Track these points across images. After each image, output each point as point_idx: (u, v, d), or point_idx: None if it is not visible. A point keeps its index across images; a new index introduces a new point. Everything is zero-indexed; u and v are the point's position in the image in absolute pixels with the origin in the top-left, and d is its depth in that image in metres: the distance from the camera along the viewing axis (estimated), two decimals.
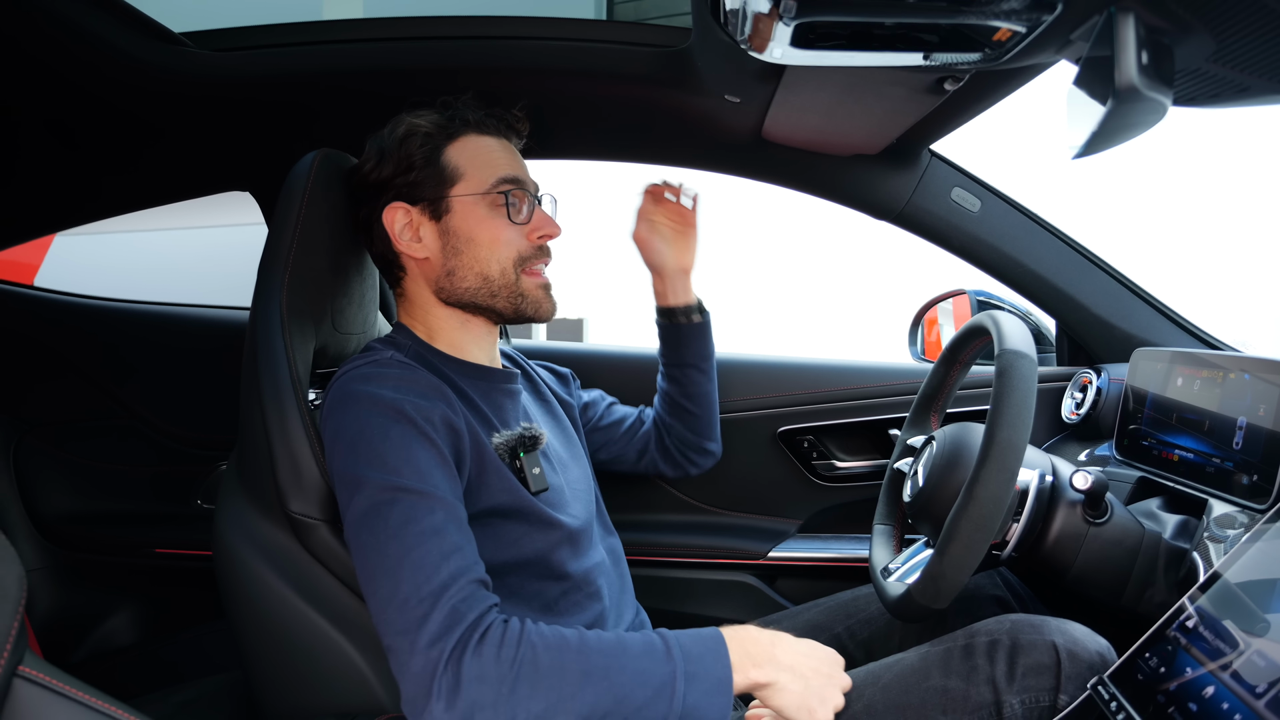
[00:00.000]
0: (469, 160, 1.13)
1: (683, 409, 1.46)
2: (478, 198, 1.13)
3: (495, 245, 1.13)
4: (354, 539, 0.93)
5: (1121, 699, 0.86)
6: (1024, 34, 0.77)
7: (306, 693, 1.01)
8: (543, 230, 1.16)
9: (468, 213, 1.13)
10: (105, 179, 1.58)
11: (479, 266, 1.13)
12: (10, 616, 0.63)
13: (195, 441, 1.83)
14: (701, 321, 1.43)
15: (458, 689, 0.83)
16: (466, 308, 1.16)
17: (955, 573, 1.01)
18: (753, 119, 1.31)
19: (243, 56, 1.31)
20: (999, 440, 0.99)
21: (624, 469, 1.50)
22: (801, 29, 0.79)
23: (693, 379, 1.44)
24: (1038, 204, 1.55)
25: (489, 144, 1.16)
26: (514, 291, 1.14)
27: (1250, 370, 1.10)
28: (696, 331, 1.43)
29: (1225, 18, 0.70)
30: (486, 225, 1.13)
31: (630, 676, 0.88)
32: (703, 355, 1.44)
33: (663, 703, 0.88)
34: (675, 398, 1.46)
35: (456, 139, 1.14)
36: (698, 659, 0.91)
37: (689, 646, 0.92)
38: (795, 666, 0.96)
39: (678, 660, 0.90)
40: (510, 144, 1.19)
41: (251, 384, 1.06)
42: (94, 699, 0.65)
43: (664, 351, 1.46)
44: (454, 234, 1.13)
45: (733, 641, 0.94)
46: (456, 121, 1.14)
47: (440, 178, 1.13)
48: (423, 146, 1.12)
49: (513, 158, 1.18)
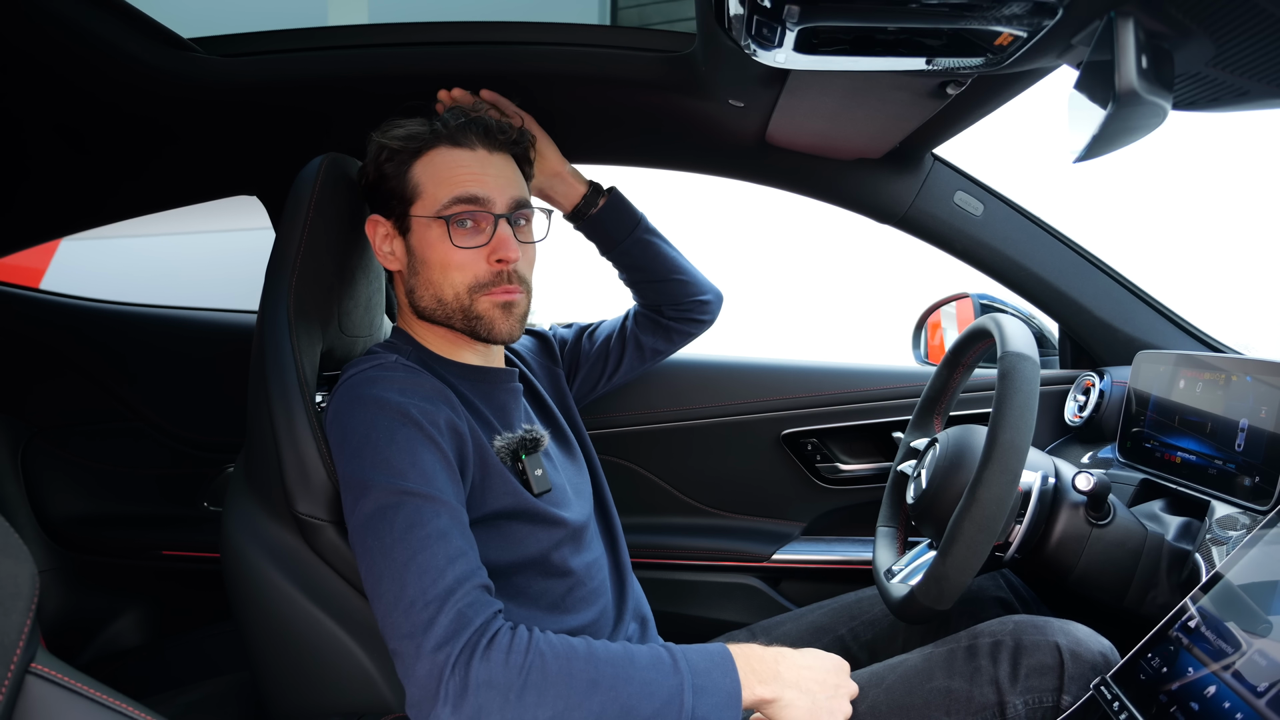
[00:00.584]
0: (430, 177, 1.11)
1: (653, 284, 1.43)
2: (431, 219, 1.10)
3: (446, 269, 1.10)
4: (359, 542, 0.94)
5: (1124, 699, 0.87)
6: (1025, 39, 0.78)
7: (313, 693, 1.01)
8: (499, 254, 1.09)
9: (423, 233, 1.11)
10: (114, 183, 1.59)
11: (433, 289, 1.11)
12: (23, 614, 0.64)
13: (202, 444, 1.84)
14: (608, 201, 1.38)
15: (465, 693, 0.83)
16: (433, 322, 1.15)
17: (958, 574, 1.01)
18: (757, 123, 1.32)
19: (251, 62, 1.32)
20: (1001, 442, 0.99)
21: (633, 371, 1.49)
22: (805, 33, 0.80)
23: (637, 251, 1.41)
24: (1041, 206, 1.55)
25: (457, 158, 1.11)
26: (468, 314, 1.11)
27: (1252, 373, 1.10)
28: (609, 212, 1.38)
29: (1224, 22, 0.70)
30: (437, 249, 1.10)
31: (638, 687, 0.88)
32: (629, 226, 1.39)
33: (671, 714, 0.88)
34: (639, 280, 1.44)
35: (425, 153, 1.11)
36: (705, 673, 0.91)
37: (695, 660, 0.92)
38: (800, 682, 0.96)
39: (685, 673, 0.90)
40: (496, 154, 1.14)
41: (259, 386, 1.06)
42: (105, 696, 0.66)
43: (600, 249, 1.42)
44: (413, 253, 1.12)
45: (738, 658, 0.94)
46: (429, 133, 1.11)
47: (404, 194, 1.11)
48: (390, 161, 1.11)
49: (485, 171, 1.12)
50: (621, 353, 1.46)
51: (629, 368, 1.48)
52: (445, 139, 1.11)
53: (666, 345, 1.49)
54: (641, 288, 1.45)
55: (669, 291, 1.43)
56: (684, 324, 1.48)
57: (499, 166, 1.13)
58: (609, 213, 1.37)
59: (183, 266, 3.35)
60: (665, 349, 1.50)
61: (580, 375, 1.45)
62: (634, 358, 1.47)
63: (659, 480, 1.75)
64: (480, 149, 1.12)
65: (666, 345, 1.49)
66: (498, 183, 1.11)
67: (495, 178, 1.11)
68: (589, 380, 1.46)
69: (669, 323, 1.47)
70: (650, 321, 1.47)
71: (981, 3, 0.72)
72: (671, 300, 1.44)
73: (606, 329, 1.49)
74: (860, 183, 1.51)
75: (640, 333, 1.47)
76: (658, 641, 1.18)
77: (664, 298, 1.44)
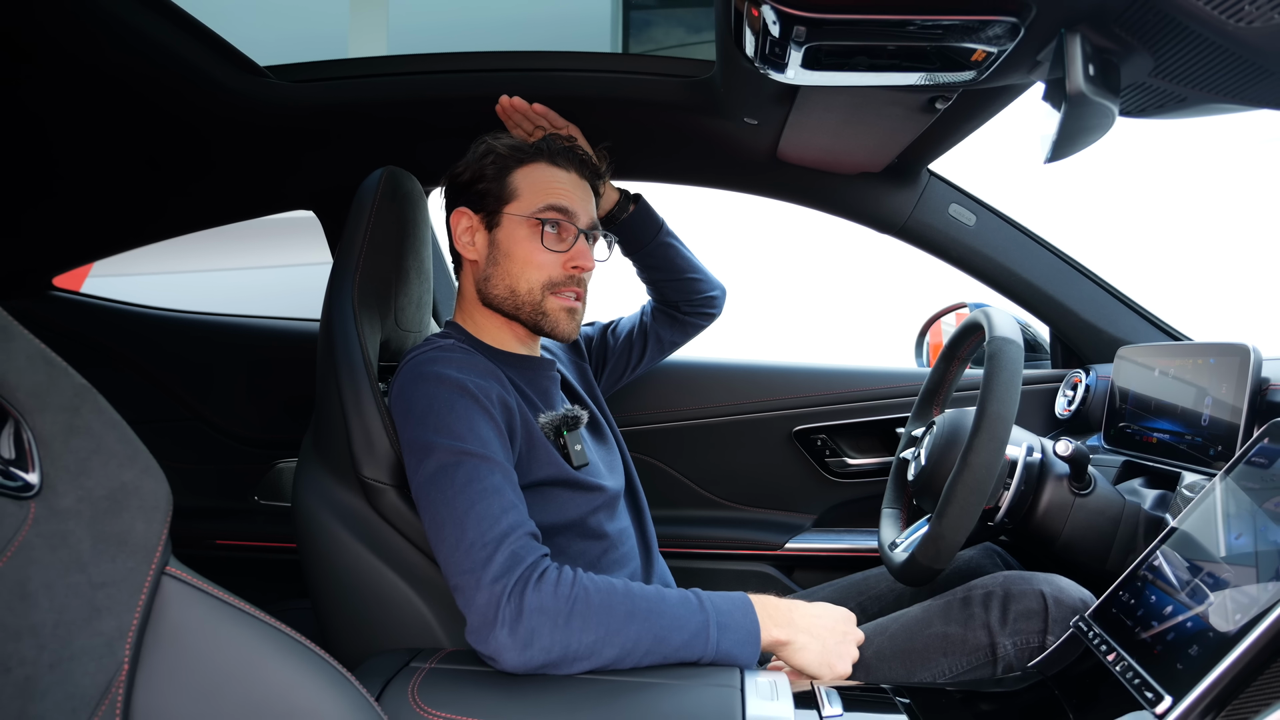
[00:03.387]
0: (529, 184, 1.25)
1: (671, 282, 1.58)
2: (522, 219, 1.24)
3: (528, 265, 1.24)
4: (423, 496, 1.06)
5: (1100, 631, 0.98)
6: (996, 55, 0.92)
7: (375, 634, 1.13)
8: (576, 261, 1.24)
9: (512, 230, 1.25)
10: (184, 198, 1.75)
11: (509, 280, 1.25)
12: (161, 524, 0.76)
13: (254, 441, 1.97)
14: (636, 209, 1.52)
15: (520, 617, 0.95)
16: (499, 312, 1.28)
17: (953, 533, 1.13)
18: (769, 140, 1.47)
19: (317, 87, 1.48)
20: (989, 413, 1.12)
21: (653, 362, 1.65)
22: (810, 52, 0.94)
23: (659, 254, 1.55)
24: (1030, 214, 1.69)
25: (556, 174, 1.26)
26: (537, 309, 1.25)
27: (1213, 355, 1.23)
28: (637, 219, 1.52)
29: (1159, 39, 0.85)
30: (524, 245, 1.24)
31: (669, 620, 0.99)
32: (653, 231, 1.53)
33: (699, 645, 0.99)
34: (659, 279, 1.58)
35: (527, 164, 1.26)
36: (728, 613, 1.02)
37: (719, 603, 1.04)
38: (811, 628, 1.07)
39: (710, 612, 1.01)
40: (583, 180, 1.30)
41: (328, 366, 1.20)
42: (226, 595, 0.78)
43: (624, 250, 1.55)
44: (498, 246, 1.26)
45: (756, 605, 1.05)
46: (533, 149, 1.26)
47: (500, 194, 1.26)
48: (494, 164, 1.26)
49: (574, 191, 1.27)
50: (644, 345, 1.62)
51: (650, 358, 1.63)
52: (546, 156, 1.27)
53: (681, 337, 1.65)
54: (660, 285, 1.59)
55: (683, 289, 1.58)
56: (696, 317, 1.63)
57: (584, 190, 1.29)
58: (637, 218, 1.52)
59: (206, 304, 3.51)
60: (680, 340, 1.66)
61: (608, 368, 1.59)
62: (654, 349, 1.63)
63: (680, 475, 1.88)
64: (573, 173, 1.28)
65: (681, 337, 1.65)
66: (583, 203, 1.27)
67: (582, 199, 1.27)
68: (615, 371, 1.61)
69: (683, 317, 1.62)
70: (666, 316, 1.62)
71: (958, 24, 0.87)
72: (685, 296, 1.59)
73: (626, 325, 1.64)
74: (863, 196, 1.65)
75: (658, 327, 1.62)
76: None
77: (679, 295, 1.59)
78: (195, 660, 0.75)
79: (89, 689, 0.67)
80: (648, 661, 0.98)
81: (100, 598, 0.69)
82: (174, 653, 0.74)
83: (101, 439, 0.73)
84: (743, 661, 1.01)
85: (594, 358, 1.59)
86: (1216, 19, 0.78)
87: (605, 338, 1.62)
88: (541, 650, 0.94)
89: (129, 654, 0.70)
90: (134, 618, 0.71)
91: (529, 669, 0.95)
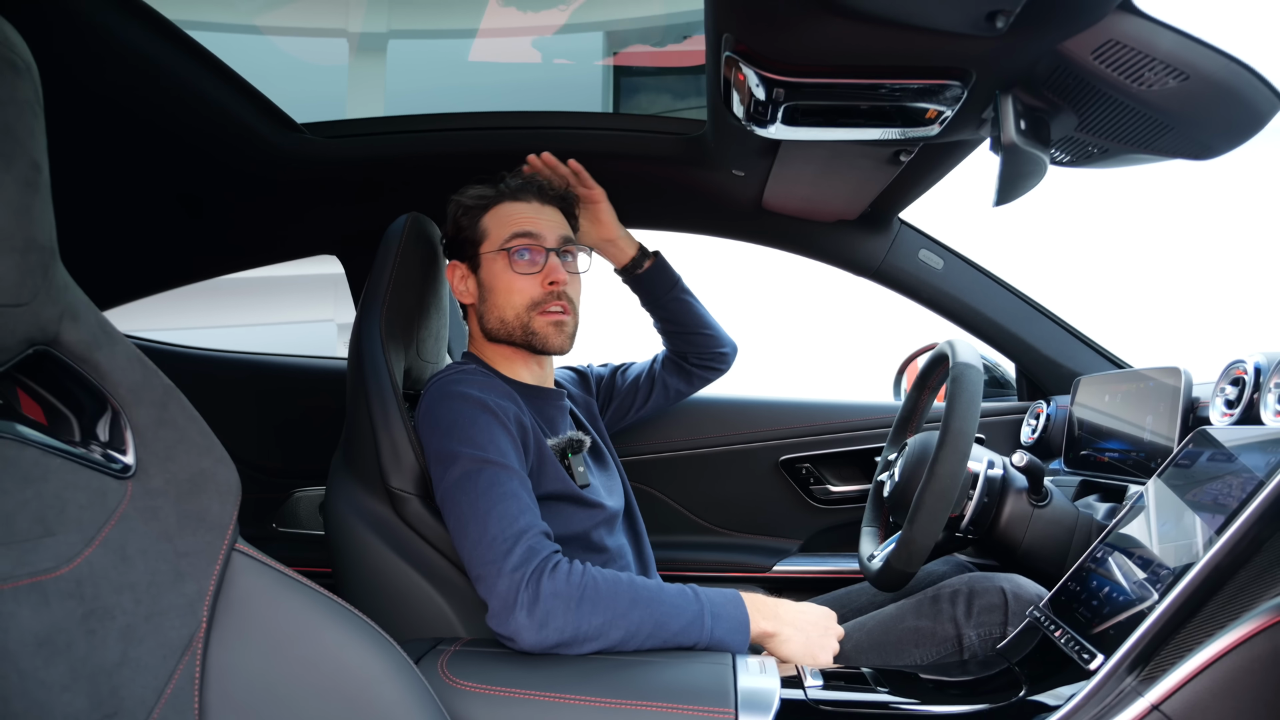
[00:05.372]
0: (495, 223, 1.38)
1: (683, 335, 1.66)
2: (496, 253, 1.37)
3: (509, 293, 1.36)
4: (449, 499, 1.18)
5: (1053, 616, 1.11)
6: (947, 113, 1.08)
7: (399, 627, 1.23)
8: (551, 277, 1.35)
9: (490, 266, 1.39)
10: (220, 243, 1.89)
11: (498, 311, 1.38)
12: (233, 505, 0.88)
13: (273, 471, 2.07)
14: (653, 264, 1.62)
15: (537, 601, 1.06)
16: (500, 342, 1.41)
17: (923, 537, 1.26)
18: (754, 190, 1.62)
19: (347, 143, 1.64)
20: (952, 429, 1.25)
21: (659, 408, 1.74)
22: (789, 111, 1.10)
23: (673, 308, 1.64)
24: (1005, 249, 1.86)
25: (517, 208, 1.38)
26: (527, 330, 1.36)
27: (1151, 379, 1.38)
28: (654, 273, 1.62)
29: (1081, 100, 1.01)
30: (502, 277, 1.37)
31: (668, 608, 1.11)
32: (668, 286, 1.63)
33: (695, 631, 1.10)
34: (672, 330, 1.67)
35: (492, 208, 1.39)
36: (721, 605, 1.14)
37: (713, 596, 1.16)
38: (795, 622, 1.18)
39: (704, 603, 1.13)
40: (547, 206, 1.41)
41: (358, 387, 1.32)
42: (287, 570, 0.90)
43: (642, 302, 1.66)
44: (483, 284, 1.40)
45: (745, 600, 1.17)
46: (495, 193, 1.39)
47: (475, 239, 1.40)
48: (465, 215, 1.41)
49: (539, 216, 1.38)
50: (650, 391, 1.72)
51: (655, 405, 1.73)
52: (508, 196, 1.40)
53: (687, 387, 1.75)
54: (673, 337, 1.70)
55: (695, 343, 1.69)
56: (704, 371, 1.73)
57: (550, 214, 1.41)
58: (654, 273, 1.63)
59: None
60: (686, 390, 1.76)
61: (613, 407, 1.71)
62: (660, 396, 1.73)
63: (673, 502, 2.00)
64: (535, 202, 1.40)
65: (687, 387, 1.75)
66: (549, 225, 1.39)
67: (547, 222, 1.39)
68: (620, 411, 1.72)
69: (691, 369, 1.72)
70: (676, 366, 1.72)
71: (913, 87, 1.03)
72: (696, 350, 1.70)
73: (637, 369, 1.75)
74: (840, 242, 1.81)
75: (666, 375, 1.72)
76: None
77: (690, 348, 1.70)
78: (261, 623, 0.86)
79: (175, 641, 0.79)
80: (650, 644, 1.09)
81: (184, 565, 0.81)
82: (243, 616, 0.85)
83: (185, 431, 0.85)
84: (734, 648, 1.12)
85: (601, 394, 1.71)
86: (1124, 84, 0.94)
87: (614, 378, 1.73)
88: (555, 630, 1.05)
89: (206, 614, 0.81)
90: (210, 584, 0.83)
91: (544, 648, 1.06)
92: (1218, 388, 1.21)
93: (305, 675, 0.86)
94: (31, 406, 0.76)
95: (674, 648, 1.11)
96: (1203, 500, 0.99)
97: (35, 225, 0.68)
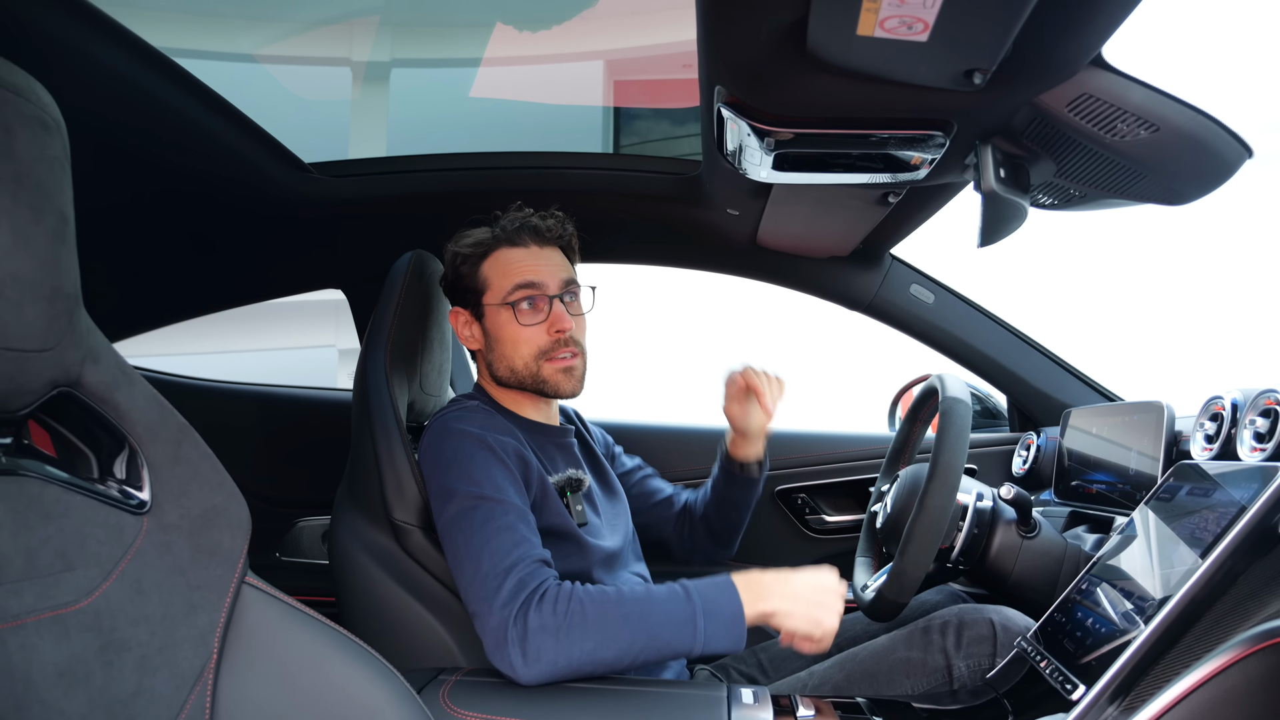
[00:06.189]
0: (495, 272, 1.37)
1: (714, 529, 1.63)
2: (499, 306, 1.37)
3: (516, 344, 1.36)
4: (447, 535, 1.21)
5: (1040, 647, 1.13)
6: (932, 160, 1.13)
7: (402, 656, 1.26)
8: (556, 326, 1.35)
9: (494, 318, 1.40)
10: (229, 278, 1.94)
11: (506, 361, 1.39)
12: (243, 539, 0.91)
13: (276, 500, 2.10)
14: (758, 478, 1.59)
15: (525, 637, 1.08)
16: (512, 387, 1.43)
17: (914, 569, 1.28)
18: (749, 228, 1.67)
19: (353, 182, 1.68)
20: (942, 462, 1.29)
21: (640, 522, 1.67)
22: (779, 157, 1.14)
23: (730, 516, 1.61)
24: (990, 290, 1.90)
25: (515, 254, 1.37)
26: (536, 378, 1.37)
27: (1136, 413, 1.41)
28: (751, 482, 1.59)
29: (1058, 149, 1.06)
30: (507, 328, 1.37)
31: (659, 619, 1.12)
32: (747, 502, 1.61)
33: (687, 636, 1.11)
34: (712, 520, 1.62)
35: (490, 255, 1.38)
36: (713, 599, 1.14)
37: (705, 590, 1.15)
38: (792, 594, 1.17)
39: (697, 602, 1.14)
40: (546, 248, 1.39)
41: (363, 420, 1.36)
42: (294, 603, 0.93)
43: (718, 483, 1.61)
44: (489, 334, 1.41)
45: (740, 583, 1.17)
46: (491, 238, 1.38)
47: (476, 288, 1.39)
48: (464, 263, 1.41)
49: (538, 262, 1.37)
50: (651, 507, 1.67)
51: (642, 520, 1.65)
52: (505, 241, 1.39)
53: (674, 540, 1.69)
54: (708, 517, 1.64)
55: (715, 535, 1.64)
56: (693, 550, 1.69)
57: (549, 257, 1.40)
58: (751, 483, 1.59)
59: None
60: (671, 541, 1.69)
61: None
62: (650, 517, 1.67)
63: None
64: (533, 245, 1.39)
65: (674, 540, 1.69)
66: (549, 270, 1.38)
67: (547, 266, 1.38)
68: None
69: (689, 538, 1.67)
70: (684, 522, 1.67)
71: (897, 136, 1.07)
72: (715, 535, 1.65)
73: (657, 484, 1.70)
74: (833, 277, 1.85)
75: (672, 517, 1.68)
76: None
77: (710, 535, 1.65)
78: (269, 654, 0.89)
79: (188, 671, 0.82)
80: (644, 658, 1.11)
81: (197, 597, 0.84)
82: (252, 647, 0.88)
83: (198, 467, 0.89)
84: (727, 644, 1.13)
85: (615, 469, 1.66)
86: (1098, 135, 0.99)
87: (632, 471, 1.69)
88: (548, 664, 1.08)
89: (217, 646, 0.85)
90: (221, 616, 0.86)
91: (539, 681, 1.08)
92: (1197, 423, 1.25)
93: (311, 705, 0.89)
94: (54, 446, 0.80)
95: (670, 656, 1.12)
96: (1182, 533, 1.03)
97: (61, 274, 0.72)
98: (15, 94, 0.66)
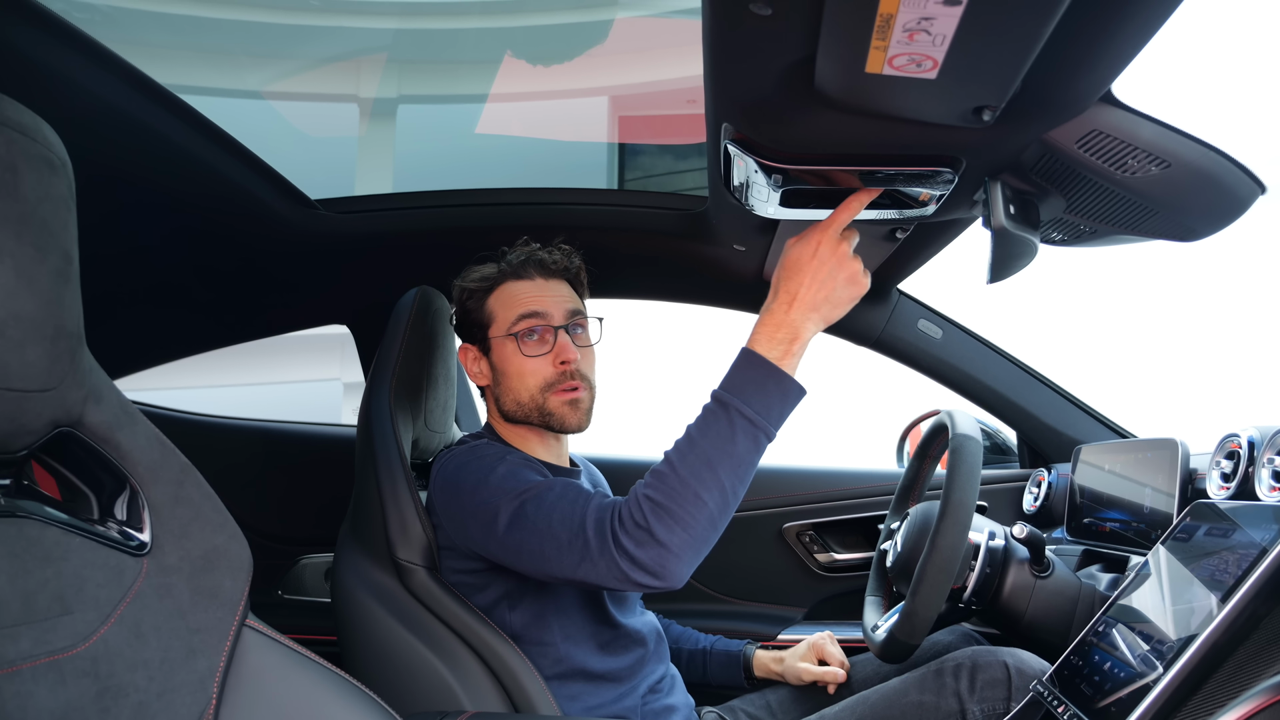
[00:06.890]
0: (500, 305, 1.37)
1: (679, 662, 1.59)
2: (504, 338, 1.36)
3: (522, 376, 1.35)
4: (510, 542, 1.16)
5: (1056, 691, 1.11)
6: (940, 196, 1.12)
7: (404, 699, 1.24)
8: (562, 357, 1.33)
9: (500, 350, 1.38)
10: (234, 313, 1.94)
11: (513, 394, 1.37)
12: (244, 582, 0.90)
13: (278, 538, 2.08)
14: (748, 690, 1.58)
15: (636, 557, 1.04)
16: (519, 423, 1.41)
17: (925, 609, 1.26)
18: (755, 263, 1.67)
19: (359, 218, 1.69)
20: (953, 500, 1.27)
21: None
22: (786, 194, 1.14)
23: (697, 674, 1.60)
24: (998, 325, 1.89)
25: (520, 287, 1.37)
26: (542, 411, 1.35)
27: (1149, 450, 1.39)
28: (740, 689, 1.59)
29: (1068, 185, 1.05)
30: (513, 361, 1.35)
31: (714, 449, 1.06)
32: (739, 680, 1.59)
33: (747, 439, 1.06)
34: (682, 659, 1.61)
35: (496, 289, 1.38)
36: (741, 387, 1.09)
37: (735, 383, 1.09)
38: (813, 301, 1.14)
39: (732, 403, 1.08)
40: (551, 280, 1.39)
41: (367, 459, 1.35)
42: (295, 646, 0.91)
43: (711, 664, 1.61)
44: (496, 368, 1.40)
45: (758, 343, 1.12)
46: (497, 273, 1.39)
47: (483, 322, 1.38)
48: (470, 299, 1.41)
49: (543, 293, 1.36)
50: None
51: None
52: (510, 275, 1.39)
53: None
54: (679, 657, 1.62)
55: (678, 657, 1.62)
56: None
57: (555, 289, 1.39)
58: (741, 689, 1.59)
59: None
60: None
61: None
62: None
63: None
64: (538, 278, 1.38)
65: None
66: (555, 301, 1.37)
67: (553, 297, 1.37)
68: None
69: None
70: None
71: (905, 173, 1.07)
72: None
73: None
74: None
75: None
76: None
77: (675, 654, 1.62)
78: (269, 700, 0.87)
79: (186, 717, 0.80)
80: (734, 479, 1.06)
81: (196, 641, 0.82)
82: (252, 692, 0.86)
83: (199, 508, 0.88)
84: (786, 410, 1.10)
85: None
86: (1109, 171, 0.98)
87: None
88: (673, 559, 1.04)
89: (217, 691, 0.83)
90: (221, 660, 0.84)
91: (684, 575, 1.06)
92: (1214, 460, 1.23)
93: None
94: (54, 486, 0.79)
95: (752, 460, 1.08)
96: (1201, 575, 1.00)
97: (65, 313, 0.71)
98: (21, 133, 0.65)
